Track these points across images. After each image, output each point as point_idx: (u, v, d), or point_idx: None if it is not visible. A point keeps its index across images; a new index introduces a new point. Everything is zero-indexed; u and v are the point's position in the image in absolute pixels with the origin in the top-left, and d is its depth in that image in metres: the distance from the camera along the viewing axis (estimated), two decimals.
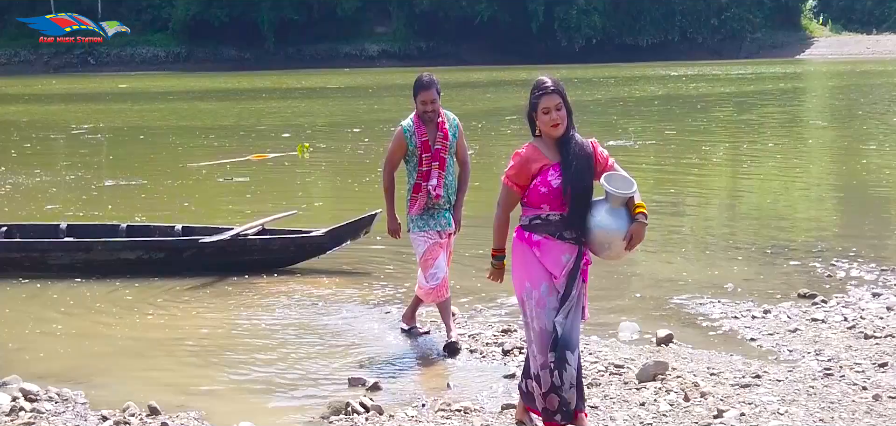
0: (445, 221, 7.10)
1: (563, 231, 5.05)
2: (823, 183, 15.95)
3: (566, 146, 5.03)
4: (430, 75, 7.10)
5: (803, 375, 6.33)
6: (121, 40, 75.35)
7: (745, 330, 7.53)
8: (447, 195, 7.10)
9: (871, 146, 20.17)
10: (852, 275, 9.15)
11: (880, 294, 8.34)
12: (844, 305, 8.02)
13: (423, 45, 79.72)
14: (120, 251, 9.80)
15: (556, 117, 5.00)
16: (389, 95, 39.53)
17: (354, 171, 17.34)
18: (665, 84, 44.15)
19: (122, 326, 8.11)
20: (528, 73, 55.67)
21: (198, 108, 34.86)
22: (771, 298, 8.38)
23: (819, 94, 38.75)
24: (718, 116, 28.05)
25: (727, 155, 19.27)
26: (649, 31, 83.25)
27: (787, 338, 7.25)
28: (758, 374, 6.35)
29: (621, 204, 5.03)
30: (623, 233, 5.00)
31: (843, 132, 23.71)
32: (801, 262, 9.73)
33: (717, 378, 6.31)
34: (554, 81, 5.04)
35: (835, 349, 6.88)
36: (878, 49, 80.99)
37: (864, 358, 6.64)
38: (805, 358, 6.74)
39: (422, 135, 7.04)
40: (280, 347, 7.41)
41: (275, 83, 49.99)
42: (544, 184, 5.01)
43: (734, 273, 9.35)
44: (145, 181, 16.32)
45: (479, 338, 7.41)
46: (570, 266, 5.07)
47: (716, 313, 8.01)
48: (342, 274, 9.68)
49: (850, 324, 7.46)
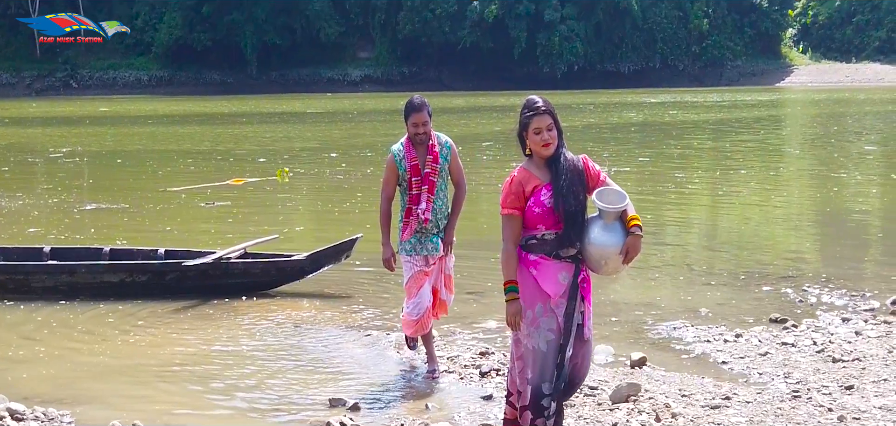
0: (433, 246, 7.02)
1: (558, 249, 5.04)
2: (797, 210, 16.19)
3: (556, 165, 5.05)
4: (421, 97, 7.08)
5: (772, 397, 6.51)
6: (104, 64, 75.43)
7: (716, 353, 7.70)
8: (436, 219, 7.02)
9: (841, 174, 20.46)
10: (823, 300, 9.35)
11: (849, 319, 8.54)
12: (814, 330, 8.20)
13: (406, 70, 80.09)
14: (103, 274, 9.91)
15: (548, 137, 5.03)
16: (367, 121, 39.75)
17: (334, 196, 17.48)
18: (642, 111, 44.49)
19: (106, 348, 8.22)
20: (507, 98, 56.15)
21: (175, 132, 34.93)
22: (743, 323, 8.57)
23: (794, 122, 39.14)
24: (692, 143, 28.32)
25: (702, 182, 19.50)
26: (631, 58, 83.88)
27: (757, 361, 7.43)
28: (728, 396, 6.52)
29: (614, 218, 5.02)
30: (619, 248, 4.98)
31: (817, 160, 24.02)
32: (774, 288, 9.93)
33: (689, 399, 6.48)
34: (544, 102, 5.07)
35: (803, 372, 7.06)
36: (858, 77, 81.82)
37: (832, 380, 6.82)
38: (774, 380, 6.92)
39: (411, 159, 7.00)
40: (261, 369, 7.54)
41: (254, 108, 50.11)
42: (537, 204, 5.02)
43: (708, 298, 9.53)
44: (127, 205, 16.40)
45: (457, 360, 7.55)
46: (568, 284, 5.05)
47: (689, 337, 8.18)
48: (323, 297, 9.82)
49: (819, 348, 7.64)
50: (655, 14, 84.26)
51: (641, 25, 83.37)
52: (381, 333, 8.45)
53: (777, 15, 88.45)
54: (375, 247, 12.17)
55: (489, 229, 12.77)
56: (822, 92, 65.28)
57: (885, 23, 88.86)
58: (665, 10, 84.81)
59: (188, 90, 72.60)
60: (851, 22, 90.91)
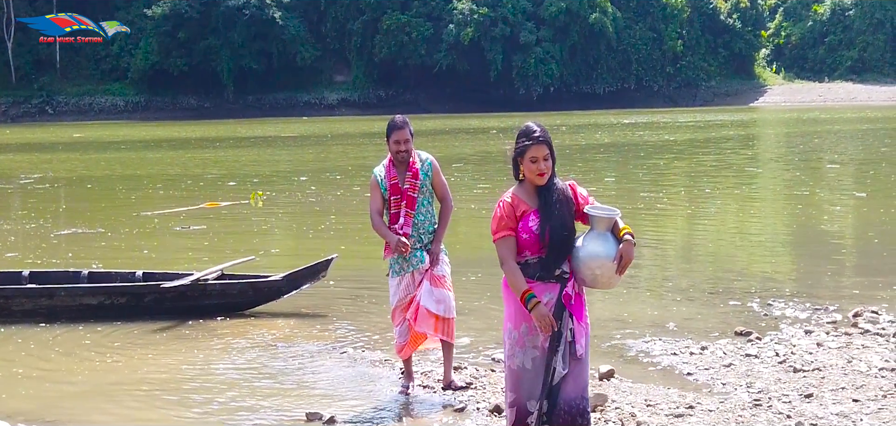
0: (417, 260, 7.15)
1: (541, 272, 5.09)
2: (764, 227, 16.49)
3: (547, 193, 5.10)
4: (403, 117, 7.26)
5: (734, 406, 6.74)
6: (80, 90, 75.31)
7: (682, 365, 7.92)
8: (418, 235, 7.15)
9: (806, 191, 20.82)
10: (787, 314, 9.59)
11: (812, 331, 8.78)
12: (777, 342, 8.44)
13: (383, 93, 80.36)
14: (82, 297, 10.05)
15: (544, 167, 5.08)
16: (338, 144, 39.92)
17: (308, 219, 17.63)
18: (613, 131, 44.86)
19: (86, 369, 8.36)
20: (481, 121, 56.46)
21: (144, 157, 34.95)
22: (709, 336, 8.80)
23: (764, 142, 39.60)
24: (659, 163, 28.61)
25: (670, 200, 19.75)
26: (606, 79, 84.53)
27: (721, 372, 7.66)
28: (691, 405, 6.75)
29: (607, 228, 5.07)
30: (612, 257, 5.02)
31: (785, 178, 24.41)
32: (740, 302, 10.17)
33: (653, 409, 6.70)
34: (542, 130, 5.10)
35: (765, 382, 7.29)
36: (830, 97, 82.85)
37: (792, 390, 7.06)
38: (737, 390, 7.14)
39: (392, 178, 7.15)
40: (239, 386, 7.71)
41: (227, 132, 50.17)
42: (525, 229, 5.08)
43: (675, 313, 9.77)
44: (102, 230, 16.50)
45: (430, 375, 7.75)
46: (552, 302, 5.06)
47: (656, 350, 8.40)
48: (300, 316, 9.99)
49: (782, 358, 7.88)
50: (630, 36, 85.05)
51: (616, 47, 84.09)
52: (357, 350, 8.64)
53: (750, 36, 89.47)
54: (352, 264, 12.47)
55: (462, 249, 12.99)
56: (793, 111, 66.11)
57: (856, 43, 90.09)
58: (640, 31, 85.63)
59: (165, 115, 72.55)
60: (823, 42, 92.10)
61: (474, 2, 78.98)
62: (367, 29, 79.99)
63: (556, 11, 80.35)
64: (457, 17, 78.71)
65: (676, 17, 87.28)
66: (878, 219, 16.32)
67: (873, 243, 14.01)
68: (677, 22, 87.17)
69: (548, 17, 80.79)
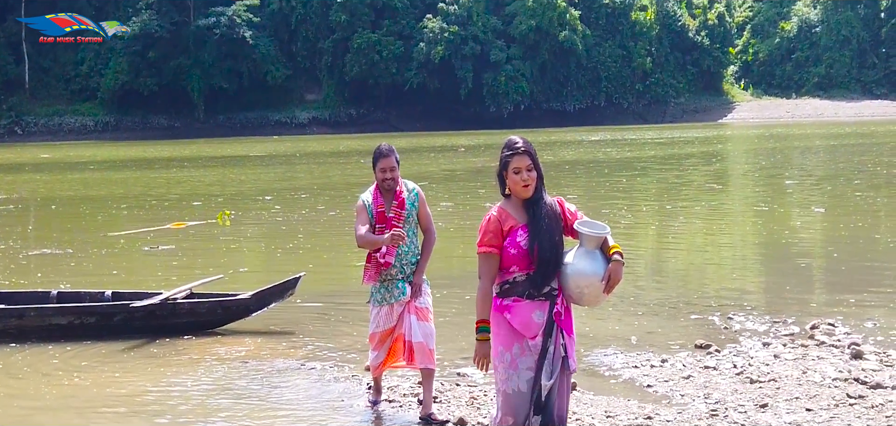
0: (399, 291, 7.10)
1: (530, 290, 5.02)
2: (724, 243, 16.78)
3: (535, 207, 5.05)
4: (388, 145, 7.16)
5: (691, 416, 6.93)
6: (49, 110, 74.98)
7: (643, 377, 8.11)
8: (400, 265, 7.09)
9: (765, 207, 21.17)
10: (747, 327, 9.81)
11: (770, 343, 9.00)
12: (736, 354, 8.65)
13: (354, 111, 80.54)
14: (52, 317, 10.12)
15: (527, 178, 5.02)
16: (304, 163, 40.06)
17: (276, 238, 17.74)
18: (579, 148, 45.17)
19: (56, 387, 8.44)
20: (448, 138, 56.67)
21: (110, 177, 34.88)
22: (670, 349, 9.00)
23: (725, 158, 40.01)
24: (621, 180, 28.89)
25: (634, 217, 19.98)
26: (576, 97, 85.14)
27: (680, 384, 7.86)
28: (650, 416, 6.94)
29: (596, 245, 5.01)
30: (600, 275, 4.95)
31: (748, 194, 24.82)
32: (701, 316, 10.39)
33: (613, 420, 6.88)
34: (524, 142, 5.05)
35: (722, 393, 7.49)
36: (798, 113, 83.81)
37: (748, 400, 7.26)
38: (695, 401, 7.34)
39: (378, 205, 7.10)
40: (207, 403, 7.83)
41: (194, 152, 50.15)
42: (513, 245, 5.00)
43: (636, 327, 9.96)
44: (71, 250, 16.54)
45: (396, 390, 7.90)
46: (544, 321, 5.02)
47: (618, 364, 8.59)
48: (268, 334, 10.11)
49: (739, 370, 8.09)
50: (600, 53, 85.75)
51: (586, 65, 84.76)
52: (326, 367, 8.76)
53: (718, 52, 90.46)
54: (320, 282, 12.60)
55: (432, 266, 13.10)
56: (760, 128, 66.82)
57: (823, 60, 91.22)
58: (609, 49, 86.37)
59: (135, 135, 72.36)
60: (791, 59, 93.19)
61: (444, 20, 79.42)
62: (337, 48, 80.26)
63: (526, 29, 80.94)
64: (427, 35, 79.10)
65: (645, 34, 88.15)
66: (837, 234, 16.67)
67: (832, 258, 14.31)
68: (646, 39, 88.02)
69: (518, 35, 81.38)
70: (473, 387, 7.94)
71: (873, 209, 20.22)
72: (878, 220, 17.99)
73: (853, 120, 75.37)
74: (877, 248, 14.92)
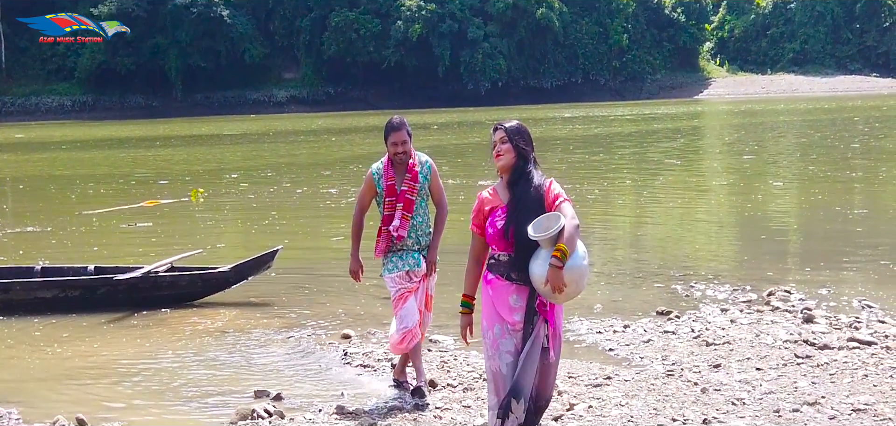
0: (414, 262, 6.97)
1: (510, 272, 5.05)
2: (687, 215, 17.22)
3: (515, 189, 5.10)
4: (400, 118, 7.03)
5: (648, 376, 7.34)
6: (26, 90, 74.77)
7: (605, 342, 8.52)
8: (416, 237, 6.98)
9: (725, 181, 21.72)
10: (707, 294, 10.24)
11: (727, 309, 9.42)
12: (694, 319, 9.07)
13: (332, 90, 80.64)
14: (37, 290, 10.44)
15: (500, 149, 5.12)
16: (270, 142, 40.29)
17: (251, 214, 18.07)
18: (549, 126, 45.48)
19: (43, 357, 8.77)
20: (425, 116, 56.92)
21: (77, 157, 35.01)
22: (632, 315, 9.42)
23: (692, 134, 40.43)
24: (584, 157, 29.27)
25: (601, 191, 20.37)
26: (553, 74, 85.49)
27: (640, 347, 8.27)
28: (609, 376, 7.35)
29: (550, 245, 4.85)
30: (545, 277, 4.86)
31: (716, 168, 25.39)
32: (664, 285, 10.81)
33: (574, 380, 7.28)
34: (502, 122, 5.20)
35: (679, 355, 7.91)
36: (773, 88, 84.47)
37: (703, 361, 7.68)
38: (653, 363, 7.75)
39: (389, 178, 6.96)
40: (189, 369, 8.19)
41: (167, 131, 50.24)
42: (492, 225, 5.07)
43: (600, 296, 10.36)
44: (51, 228, 16.80)
45: (371, 355, 8.27)
46: (522, 307, 5.03)
47: (583, 329, 8.99)
48: (247, 305, 10.47)
49: (696, 334, 8.50)
50: (576, 30, 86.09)
51: (563, 42, 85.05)
52: (303, 335, 9.12)
53: (694, 29, 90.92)
54: (296, 255, 12.97)
55: None
56: (734, 103, 67.43)
57: (798, 35, 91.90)
58: (586, 26, 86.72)
59: (113, 115, 72.27)
60: (766, 35, 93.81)
61: None
62: (315, 26, 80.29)
63: (503, 7, 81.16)
64: (404, 13, 79.22)
65: (622, 11, 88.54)
66: (797, 207, 17.23)
67: (790, 229, 14.84)
68: (622, 16, 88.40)
69: (495, 12, 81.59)
70: (444, 352, 8.33)
71: (833, 183, 20.71)
72: (836, 194, 18.47)
73: (828, 95, 76.14)
74: (835, 220, 15.37)
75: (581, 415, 6.47)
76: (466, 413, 6.68)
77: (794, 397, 6.66)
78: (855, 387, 6.84)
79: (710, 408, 6.50)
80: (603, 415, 6.49)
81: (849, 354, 7.64)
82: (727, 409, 6.47)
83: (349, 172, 25.81)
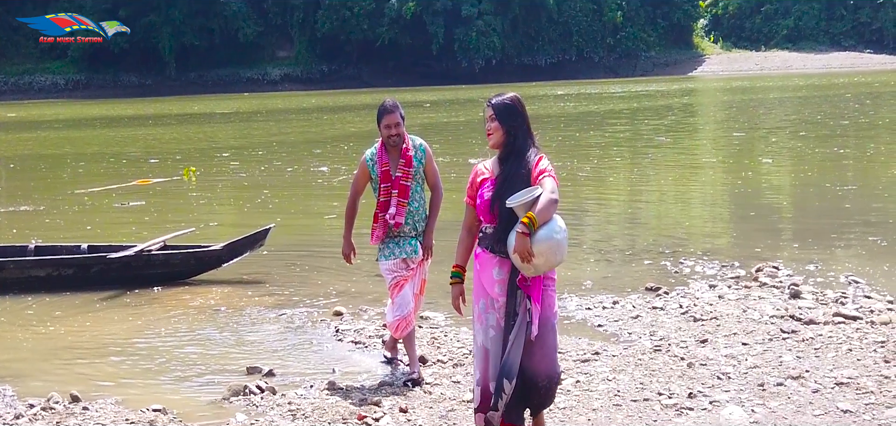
0: (411, 249, 6.92)
1: (494, 244, 5.13)
2: (677, 192, 17.30)
3: (504, 164, 5.19)
4: (393, 99, 6.93)
5: (636, 351, 7.43)
6: (19, 69, 74.59)
7: (595, 318, 8.61)
8: (413, 223, 6.91)
9: (714, 159, 21.82)
10: (696, 270, 10.33)
11: (716, 286, 9.51)
12: (683, 295, 9.16)
13: (326, 68, 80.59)
14: (31, 269, 10.51)
15: (489, 127, 5.24)
16: (264, 120, 40.33)
17: (243, 193, 18.15)
18: (542, 103, 45.51)
19: (38, 334, 8.85)
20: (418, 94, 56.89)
21: (68, 136, 35.02)
22: (621, 292, 9.50)
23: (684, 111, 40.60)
24: (574, 135, 29.33)
25: (593, 169, 20.46)
26: (547, 51, 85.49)
27: (629, 323, 8.36)
28: (597, 352, 7.44)
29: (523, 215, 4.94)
30: (513, 247, 4.96)
31: (708, 145, 25.53)
32: (654, 261, 10.90)
33: (563, 356, 7.35)
34: (493, 98, 5.30)
35: (667, 330, 8.00)
36: (767, 65, 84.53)
37: (690, 336, 7.77)
38: (641, 338, 7.84)
39: (383, 164, 6.86)
40: (182, 345, 8.27)
41: (159, 110, 50.26)
42: (480, 197, 5.20)
43: (590, 272, 10.45)
44: (43, 207, 16.85)
45: (362, 332, 8.36)
46: (504, 280, 5.10)
47: (572, 306, 9.07)
48: (240, 283, 10.55)
49: (684, 310, 8.59)
50: (570, 8, 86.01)
51: (557, 19, 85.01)
52: (295, 312, 9.20)
53: (689, 6, 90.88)
54: (288, 234, 13.04)
55: None
56: (728, 80, 67.49)
57: (792, 12, 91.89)
58: (580, 3, 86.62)
59: (106, 93, 72.20)
60: (760, 12, 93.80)
61: None
62: (309, 4, 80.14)
63: None
64: None
65: None
66: (784, 183, 17.32)
67: (779, 206, 14.94)
68: None
69: None
70: (435, 328, 8.42)
71: (822, 159, 20.80)
72: (825, 170, 18.57)
73: (822, 71, 76.21)
74: (824, 196, 15.47)
75: (568, 390, 6.56)
76: (456, 388, 6.76)
77: (779, 371, 6.75)
78: (839, 361, 6.94)
79: (695, 383, 6.59)
80: (590, 389, 6.58)
81: (834, 329, 7.73)
82: (713, 384, 6.56)
83: (340, 151, 25.87)
